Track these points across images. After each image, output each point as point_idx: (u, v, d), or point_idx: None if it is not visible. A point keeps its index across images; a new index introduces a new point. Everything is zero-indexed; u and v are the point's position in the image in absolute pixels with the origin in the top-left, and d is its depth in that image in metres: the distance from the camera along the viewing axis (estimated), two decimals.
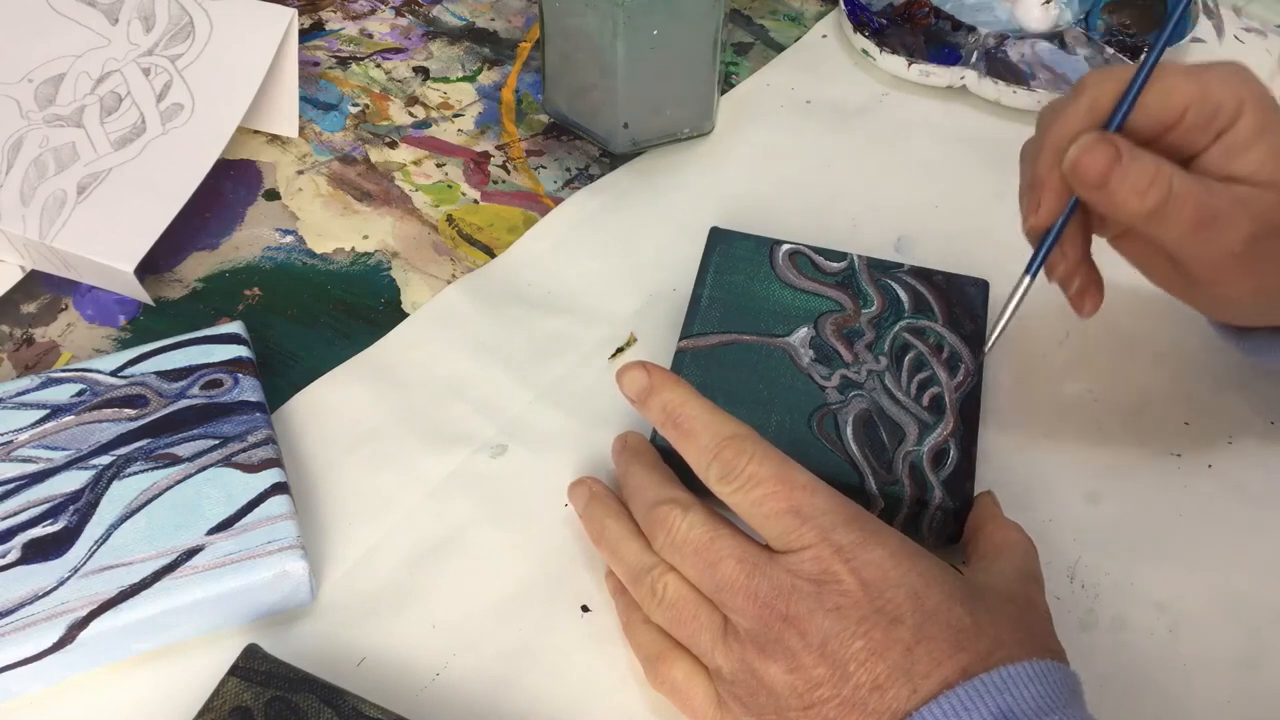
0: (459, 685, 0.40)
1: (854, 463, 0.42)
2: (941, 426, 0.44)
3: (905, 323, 0.47)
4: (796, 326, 0.46)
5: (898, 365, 0.45)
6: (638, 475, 0.41)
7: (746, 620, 0.35)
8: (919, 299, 0.48)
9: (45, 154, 0.51)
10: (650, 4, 0.50)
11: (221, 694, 0.36)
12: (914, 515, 0.42)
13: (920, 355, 0.46)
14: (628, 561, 0.39)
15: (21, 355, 0.48)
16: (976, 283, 0.49)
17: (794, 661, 0.34)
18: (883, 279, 0.48)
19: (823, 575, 0.34)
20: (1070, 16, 0.63)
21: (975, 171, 0.58)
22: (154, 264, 0.51)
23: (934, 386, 0.45)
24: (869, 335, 0.46)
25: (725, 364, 0.45)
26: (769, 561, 0.35)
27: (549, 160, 0.57)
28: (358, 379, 0.48)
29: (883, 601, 0.34)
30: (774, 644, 0.34)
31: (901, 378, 0.45)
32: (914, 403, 0.44)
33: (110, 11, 0.55)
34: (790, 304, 0.47)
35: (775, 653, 0.34)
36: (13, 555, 0.39)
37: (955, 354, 0.46)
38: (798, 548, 0.35)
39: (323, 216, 0.54)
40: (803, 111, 0.60)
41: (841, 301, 0.47)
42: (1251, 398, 0.49)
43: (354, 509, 0.44)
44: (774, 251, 0.49)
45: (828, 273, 0.48)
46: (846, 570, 0.34)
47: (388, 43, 0.63)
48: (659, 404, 0.39)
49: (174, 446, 0.42)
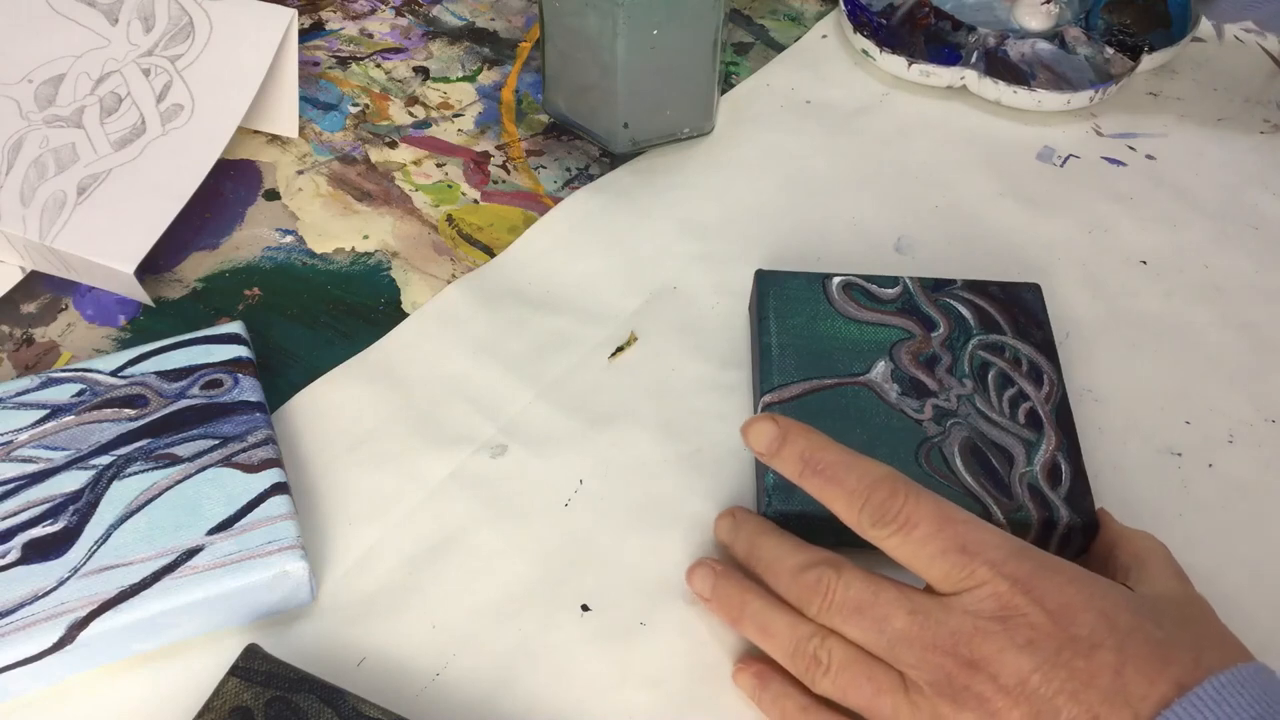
0: (459, 685, 0.40)
1: (973, 494, 0.41)
2: (1045, 442, 0.43)
3: (977, 339, 0.46)
4: (873, 361, 0.45)
5: (984, 386, 0.45)
6: (770, 545, 0.39)
7: (928, 673, 0.34)
8: (982, 315, 0.47)
9: (45, 155, 0.51)
10: (650, 4, 0.50)
11: (221, 694, 0.36)
12: (1043, 538, 0.41)
13: (1003, 372, 0.45)
14: (781, 635, 0.37)
15: (21, 355, 0.48)
16: (1031, 288, 0.48)
17: (988, 707, 0.32)
18: (941, 299, 0.47)
19: (1004, 611, 0.33)
20: (1070, 16, 0.63)
21: (975, 171, 0.58)
22: (154, 264, 0.51)
23: (1025, 402, 0.44)
24: (946, 359, 0.45)
25: (816, 412, 0.44)
26: (941, 607, 0.34)
27: (549, 160, 0.57)
28: (358, 379, 0.48)
29: (1075, 628, 0.32)
30: (963, 692, 0.33)
31: (991, 398, 0.44)
32: (1011, 421, 0.43)
33: (110, 12, 0.55)
34: (859, 338, 0.46)
35: (966, 701, 0.33)
36: (13, 555, 0.39)
37: (1034, 365, 0.45)
38: (970, 586, 0.34)
39: (323, 216, 0.54)
40: (803, 111, 0.60)
41: (908, 328, 0.46)
42: (1251, 397, 0.49)
43: (354, 509, 0.44)
44: (826, 286, 0.48)
45: (885, 300, 0.47)
46: (1029, 602, 0.33)
47: (388, 43, 0.63)
48: (794, 454, 0.37)
49: (174, 446, 0.42)
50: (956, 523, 0.34)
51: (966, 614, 0.33)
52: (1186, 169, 0.58)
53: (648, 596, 0.42)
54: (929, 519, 0.35)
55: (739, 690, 0.39)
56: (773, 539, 0.39)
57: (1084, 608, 0.33)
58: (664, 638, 0.41)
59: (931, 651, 0.33)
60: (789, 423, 0.38)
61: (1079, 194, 0.57)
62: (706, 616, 0.41)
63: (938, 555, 0.34)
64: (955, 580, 0.34)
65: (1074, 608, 0.33)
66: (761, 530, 0.40)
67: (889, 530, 0.35)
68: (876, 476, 0.36)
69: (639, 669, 0.40)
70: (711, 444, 0.46)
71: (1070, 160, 0.59)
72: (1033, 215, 0.56)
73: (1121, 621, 0.33)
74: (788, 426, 0.38)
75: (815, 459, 0.37)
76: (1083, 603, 0.33)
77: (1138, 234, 0.55)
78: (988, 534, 0.34)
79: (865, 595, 0.35)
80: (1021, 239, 0.55)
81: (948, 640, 0.33)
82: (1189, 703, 0.31)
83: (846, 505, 0.36)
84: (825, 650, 0.36)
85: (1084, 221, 0.56)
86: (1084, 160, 0.59)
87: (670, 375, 0.49)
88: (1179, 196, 0.57)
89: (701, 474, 0.45)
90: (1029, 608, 0.33)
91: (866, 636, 0.35)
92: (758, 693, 0.39)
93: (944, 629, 0.33)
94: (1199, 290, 0.53)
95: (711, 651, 0.41)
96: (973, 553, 0.34)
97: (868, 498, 0.35)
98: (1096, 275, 0.53)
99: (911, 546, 0.35)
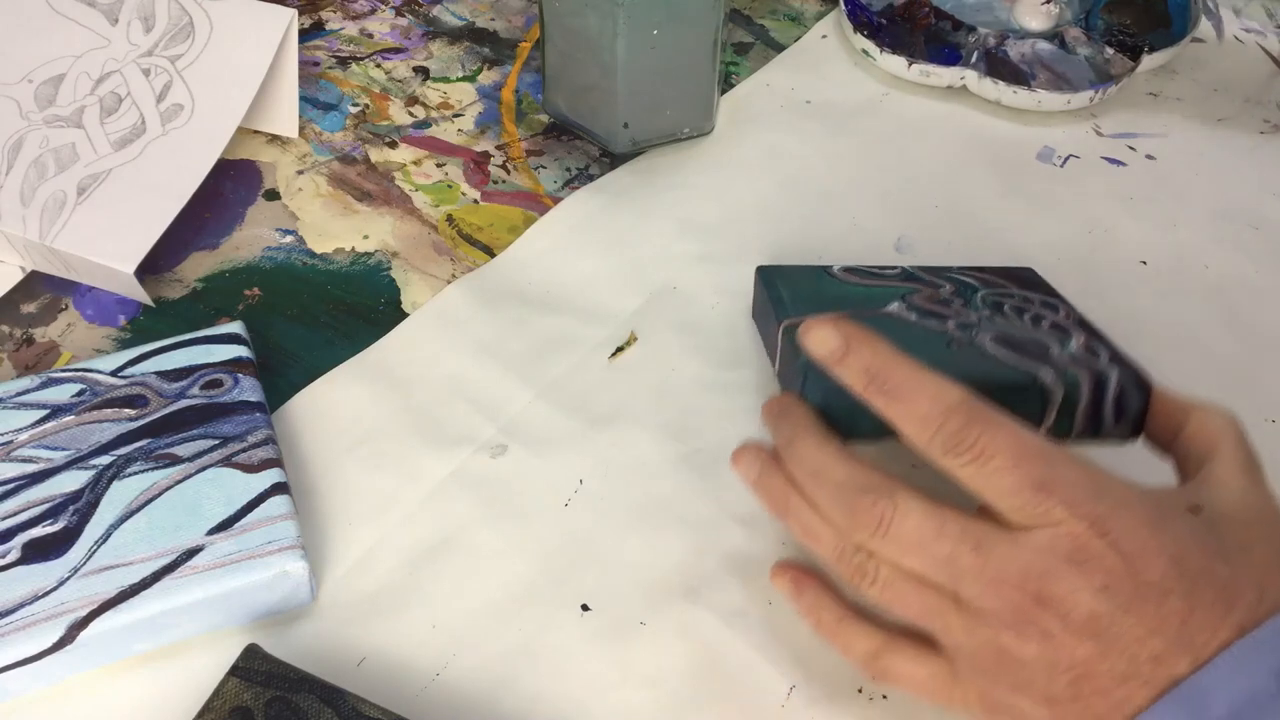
0: (459, 685, 0.40)
1: (1016, 368, 0.39)
2: (1074, 339, 0.41)
3: (984, 291, 0.45)
4: (887, 303, 0.44)
5: (1000, 313, 0.43)
6: (813, 450, 0.36)
7: (991, 602, 0.33)
8: (984, 280, 0.46)
9: (45, 155, 0.51)
10: (650, 4, 0.50)
11: (221, 694, 0.36)
12: (1097, 401, 0.39)
13: (1016, 306, 0.44)
14: (826, 541, 0.36)
15: (21, 355, 0.48)
16: (1025, 269, 0.48)
17: (1052, 641, 0.32)
18: (940, 274, 0.47)
19: (1079, 554, 0.32)
20: (1070, 16, 0.63)
21: (975, 171, 0.58)
22: (154, 264, 0.51)
23: (1047, 318, 0.43)
24: (958, 302, 0.44)
25: None
26: (1010, 542, 0.33)
27: (549, 160, 0.57)
28: (358, 379, 0.48)
29: (1147, 574, 0.32)
30: (1027, 625, 0.32)
31: (1011, 320, 0.42)
32: (1034, 329, 0.42)
33: (110, 12, 0.55)
34: (869, 294, 0.45)
35: (1029, 633, 0.32)
36: (13, 555, 0.39)
37: (1047, 302, 0.44)
38: (1044, 525, 0.32)
39: (323, 216, 0.54)
40: (803, 111, 0.60)
41: (916, 287, 0.46)
42: (1251, 397, 0.49)
43: (354, 509, 0.44)
44: (828, 271, 0.47)
45: (887, 274, 0.47)
46: (1105, 545, 0.32)
47: (388, 43, 0.63)
48: (859, 366, 0.35)
49: (174, 446, 0.42)
50: (1034, 456, 0.33)
51: (1039, 551, 0.32)
52: (1186, 169, 0.58)
53: (648, 596, 0.42)
54: (1006, 450, 0.33)
55: (739, 690, 0.40)
56: (815, 442, 0.37)
57: (1157, 552, 0.32)
58: (664, 638, 0.41)
59: (998, 585, 0.33)
60: (852, 329, 0.35)
61: (1079, 194, 0.57)
62: (706, 616, 0.41)
63: (1012, 490, 0.33)
64: (1028, 516, 0.33)
65: (1148, 552, 0.32)
66: (806, 429, 0.37)
67: (962, 460, 0.33)
68: (951, 402, 0.34)
69: (639, 669, 0.40)
70: (711, 444, 0.46)
71: (1070, 160, 0.59)
72: (1033, 215, 0.56)
73: (1191, 565, 0.32)
74: (851, 334, 0.35)
75: (883, 375, 0.35)
76: (1156, 546, 0.32)
77: (1137, 234, 0.55)
78: (1065, 468, 0.33)
79: (926, 530, 0.33)
80: (1021, 239, 0.55)
81: (1016, 576, 0.32)
82: (1244, 645, 0.31)
83: (917, 429, 0.34)
84: (873, 565, 0.35)
85: (1084, 221, 0.56)
86: (1084, 160, 0.59)
87: (670, 375, 0.49)
88: (1179, 196, 0.57)
89: (701, 474, 0.45)
90: (1105, 551, 0.32)
91: (925, 568, 0.34)
92: (794, 597, 0.38)
93: (1013, 565, 0.32)
94: (1198, 290, 0.53)
95: (711, 651, 0.41)
96: (1050, 489, 0.32)
97: (941, 424, 0.34)
98: (1096, 275, 0.53)
99: (985, 478, 0.33)
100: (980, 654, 0.34)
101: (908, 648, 0.36)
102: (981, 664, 0.34)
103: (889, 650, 0.36)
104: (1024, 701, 0.33)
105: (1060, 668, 0.32)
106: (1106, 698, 0.32)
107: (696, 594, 0.42)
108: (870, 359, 0.35)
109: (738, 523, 0.44)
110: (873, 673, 0.37)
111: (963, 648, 0.34)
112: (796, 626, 0.41)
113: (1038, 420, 0.39)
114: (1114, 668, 0.32)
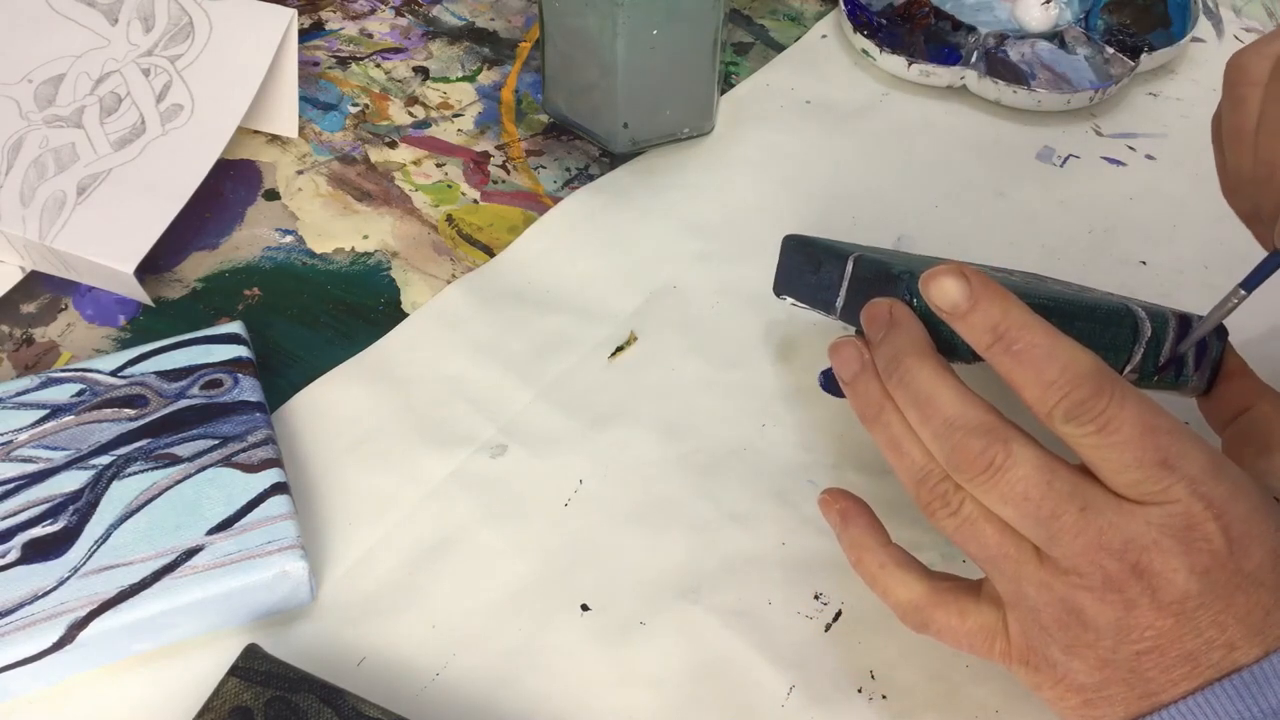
0: (459, 685, 0.40)
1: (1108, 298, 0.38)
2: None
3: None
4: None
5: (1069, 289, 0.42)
6: (924, 377, 0.34)
7: (1081, 563, 0.32)
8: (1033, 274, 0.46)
9: (45, 154, 0.50)
10: (650, 4, 0.50)
11: (221, 694, 0.36)
12: (1182, 336, 0.39)
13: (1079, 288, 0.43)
14: (913, 461, 0.35)
15: (21, 355, 0.48)
16: None
17: (1134, 611, 0.32)
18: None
19: (1190, 533, 0.31)
20: (1070, 16, 0.63)
21: (975, 171, 0.58)
22: (154, 264, 0.51)
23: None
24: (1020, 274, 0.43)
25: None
26: (1119, 511, 0.32)
27: (549, 160, 0.57)
28: (358, 379, 0.48)
29: (1246, 562, 0.32)
30: (1112, 590, 0.32)
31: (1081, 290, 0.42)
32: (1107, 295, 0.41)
33: (110, 12, 0.55)
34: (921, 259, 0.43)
35: (1111, 600, 0.32)
36: (13, 555, 0.39)
37: None
38: (1162, 501, 0.32)
39: (323, 216, 0.54)
40: (803, 111, 0.60)
41: None
42: None
43: (354, 509, 0.44)
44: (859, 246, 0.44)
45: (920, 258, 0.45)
46: (1217, 529, 0.31)
47: (388, 43, 0.63)
48: (985, 324, 0.33)
49: (174, 446, 0.42)
50: (1160, 432, 0.32)
51: (1149, 525, 0.32)
52: (1186, 169, 0.58)
53: (648, 596, 0.42)
54: (1131, 423, 0.32)
55: (739, 690, 0.40)
56: (929, 367, 0.35)
57: (1260, 542, 0.32)
58: (664, 638, 0.41)
59: (1096, 550, 0.32)
60: (982, 281, 0.34)
61: (1079, 194, 0.57)
62: (706, 616, 0.41)
63: (1133, 464, 0.32)
64: (1145, 491, 0.32)
65: (1251, 540, 0.32)
66: (920, 350, 0.35)
67: (1085, 430, 0.32)
68: (1082, 371, 0.32)
69: (639, 669, 0.40)
70: (711, 444, 0.46)
71: (1070, 160, 0.59)
72: (1032, 215, 0.56)
73: None
74: (981, 288, 0.33)
75: (1012, 336, 0.33)
76: (1262, 535, 0.32)
77: (1137, 234, 0.55)
78: (1189, 445, 0.32)
79: (1033, 485, 0.32)
80: (1021, 239, 0.55)
81: (1119, 545, 0.32)
82: None
83: (1040, 395, 0.33)
84: (959, 498, 0.34)
85: (1084, 222, 0.56)
86: (1084, 160, 0.59)
87: (670, 375, 0.49)
88: (1179, 196, 0.57)
89: (701, 474, 0.45)
90: (1215, 534, 0.32)
91: (1018, 518, 0.33)
92: (839, 529, 0.37)
93: (1118, 534, 0.32)
94: (1198, 291, 0.53)
95: (711, 651, 0.41)
96: (1172, 466, 0.32)
97: (1068, 392, 0.32)
98: (1096, 275, 0.53)
99: (1106, 450, 0.32)
100: (1046, 610, 0.33)
101: (951, 601, 0.35)
102: (1044, 619, 0.33)
103: (932, 603, 0.35)
104: (1076, 661, 0.33)
105: (1132, 637, 0.32)
106: (1166, 674, 0.32)
107: (696, 594, 0.42)
108: (1000, 317, 0.33)
109: (738, 523, 0.44)
110: (912, 623, 0.36)
111: (1027, 599, 0.33)
112: (797, 626, 0.41)
113: (1126, 353, 0.38)
114: (1185, 647, 0.32)
